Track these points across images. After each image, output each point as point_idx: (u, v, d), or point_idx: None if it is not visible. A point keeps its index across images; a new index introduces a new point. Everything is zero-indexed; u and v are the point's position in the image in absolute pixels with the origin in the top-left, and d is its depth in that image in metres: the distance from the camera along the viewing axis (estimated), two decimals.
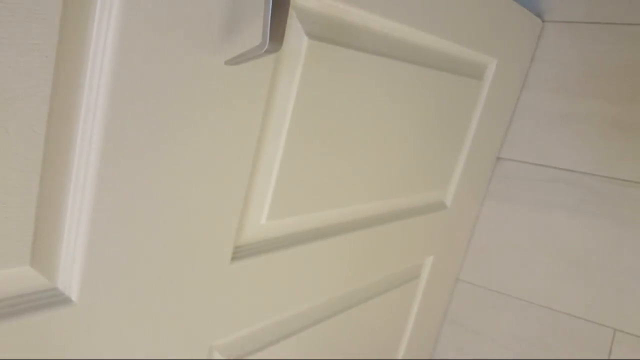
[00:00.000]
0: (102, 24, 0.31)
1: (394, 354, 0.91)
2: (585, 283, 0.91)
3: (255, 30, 0.39)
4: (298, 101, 0.47)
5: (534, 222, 0.96)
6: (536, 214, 0.96)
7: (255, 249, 0.50)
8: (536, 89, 0.97)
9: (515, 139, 0.99)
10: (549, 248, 0.94)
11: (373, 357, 0.83)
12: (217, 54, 0.38)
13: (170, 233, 0.41)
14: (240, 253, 0.49)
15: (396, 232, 0.74)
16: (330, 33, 0.48)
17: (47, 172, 0.32)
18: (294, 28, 0.45)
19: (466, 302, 1.02)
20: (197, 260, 0.44)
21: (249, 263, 0.49)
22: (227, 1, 0.37)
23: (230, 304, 0.49)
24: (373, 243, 0.69)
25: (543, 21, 0.95)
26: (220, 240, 0.45)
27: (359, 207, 0.65)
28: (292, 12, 0.44)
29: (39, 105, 0.30)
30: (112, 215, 0.36)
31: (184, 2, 0.34)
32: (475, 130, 0.84)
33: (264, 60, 0.42)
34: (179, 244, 0.42)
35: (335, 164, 0.56)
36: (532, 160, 0.97)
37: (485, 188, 1.00)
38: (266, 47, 0.33)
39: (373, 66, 0.55)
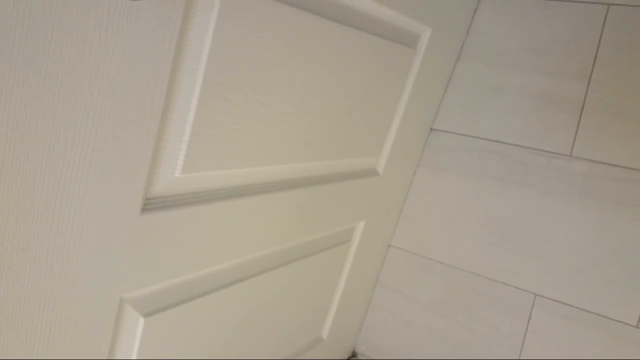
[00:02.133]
0: None
1: (324, 316, 0.93)
2: (508, 250, 0.95)
3: None
4: (214, 46, 0.47)
5: (464, 191, 0.99)
6: (466, 183, 0.99)
7: (168, 202, 0.50)
8: (470, 60, 0.99)
9: (449, 110, 1.01)
10: (476, 216, 0.98)
11: (302, 319, 0.85)
12: None
13: (76, 175, 0.40)
14: (151, 205, 0.48)
15: (326, 196, 0.75)
16: None
17: None
18: None
19: (397, 267, 1.05)
20: (105, 209, 0.43)
21: (160, 216, 0.49)
22: None
23: (141, 256, 0.49)
24: (301, 205, 0.70)
25: None
26: (129, 190, 0.45)
27: (286, 167, 0.66)
28: None
29: None
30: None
31: None
32: (408, 99, 0.86)
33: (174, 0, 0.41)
34: (85, 188, 0.41)
35: (260, 120, 0.56)
36: (464, 131, 1.00)
37: (418, 157, 1.02)
38: None
39: (303, 23, 0.55)
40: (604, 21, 0.89)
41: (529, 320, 0.94)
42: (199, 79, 0.47)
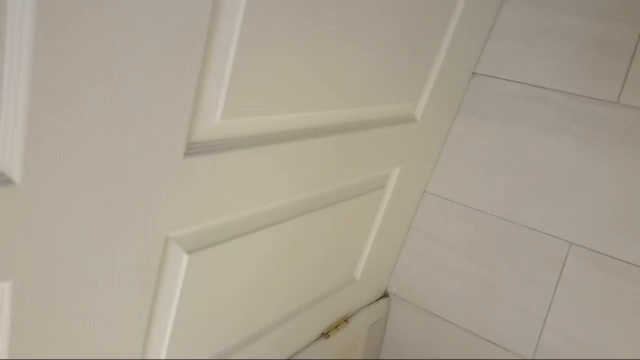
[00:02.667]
0: None
1: (358, 258, 0.96)
2: (544, 197, 0.94)
3: None
4: None
5: (504, 138, 0.98)
6: (506, 130, 0.97)
7: (210, 146, 0.51)
8: (516, 2, 0.94)
9: (493, 54, 0.98)
10: (515, 164, 0.97)
11: (337, 260, 0.88)
12: None
13: (118, 121, 0.42)
14: (193, 149, 0.50)
15: (362, 142, 0.75)
16: None
17: None
18: None
19: (432, 213, 1.06)
20: (149, 152, 0.45)
21: (202, 160, 0.50)
22: None
23: (185, 198, 0.51)
24: (338, 151, 0.71)
25: None
26: (172, 135, 0.46)
27: (324, 113, 0.66)
28: None
29: None
30: (51, 98, 0.36)
31: None
32: (450, 42, 0.83)
33: None
34: (130, 133, 0.43)
35: (297, 65, 0.56)
36: (507, 76, 0.97)
37: (458, 103, 1.00)
38: None
39: None
40: None
41: (562, 268, 0.94)
42: (239, 22, 0.47)
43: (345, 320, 1.00)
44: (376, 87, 0.72)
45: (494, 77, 0.98)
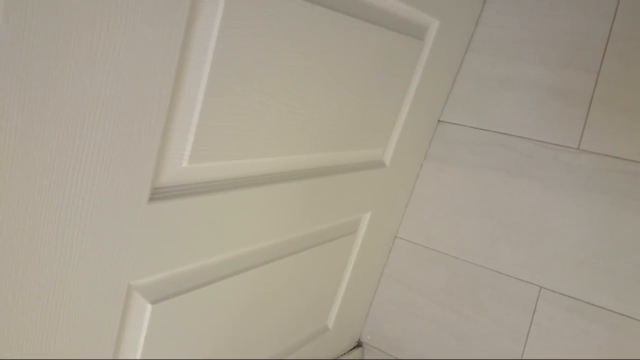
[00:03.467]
0: None
1: (330, 306, 0.94)
2: (514, 242, 0.95)
3: None
4: (221, 40, 0.47)
5: (470, 183, 0.99)
6: (473, 175, 0.99)
7: (176, 191, 0.51)
8: (479, 52, 0.99)
9: (457, 102, 1.01)
10: (482, 208, 0.98)
11: (308, 309, 0.86)
12: None
13: (83, 163, 0.41)
14: (158, 195, 0.49)
15: (333, 187, 0.76)
16: None
17: None
18: None
19: (403, 259, 1.06)
20: (113, 197, 0.44)
21: (167, 205, 0.49)
22: None
23: (149, 244, 0.50)
24: (308, 196, 0.71)
25: None
26: (137, 179, 0.46)
27: (293, 158, 0.66)
28: None
29: None
30: (7, 136, 0.36)
31: None
32: (415, 92, 0.86)
33: None
34: (93, 177, 0.42)
35: (267, 111, 0.56)
36: (471, 124, 0.99)
37: (425, 149, 1.02)
38: None
39: (309, 15, 0.55)
40: (615, 13, 0.88)
41: (533, 313, 0.94)
42: (206, 70, 0.47)
43: None
44: (346, 133, 0.73)
45: (458, 124, 1.00)
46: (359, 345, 1.10)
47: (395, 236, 1.06)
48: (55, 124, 0.37)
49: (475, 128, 0.99)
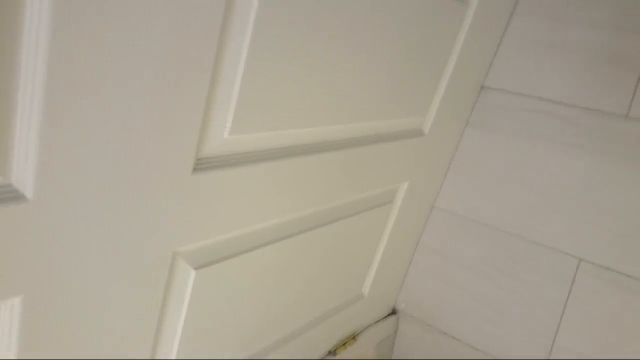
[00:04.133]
0: None
1: (366, 274, 0.95)
2: (554, 213, 0.93)
3: None
4: (261, 8, 0.46)
5: (512, 152, 0.97)
6: (515, 143, 0.96)
7: (218, 162, 0.51)
8: (526, 14, 0.94)
9: (501, 67, 0.97)
10: (523, 178, 0.96)
11: (344, 276, 0.87)
12: None
13: (129, 137, 0.41)
14: (202, 165, 0.49)
15: (370, 156, 0.75)
16: None
17: None
18: None
19: (440, 228, 1.05)
20: (158, 168, 0.45)
21: (210, 175, 0.50)
22: None
23: (193, 213, 0.51)
24: (345, 165, 0.70)
25: None
26: (181, 150, 0.46)
27: (332, 128, 0.66)
28: None
29: None
30: (64, 113, 0.36)
31: None
32: (458, 56, 0.83)
33: None
34: (139, 149, 0.43)
35: (306, 80, 0.56)
36: (516, 90, 0.96)
37: (467, 116, 0.99)
38: None
39: None
40: None
41: (572, 285, 0.93)
42: (247, 40, 0.47)
43: (353, 337, 0.98)
44: (384, 101, 0.72)
45: (502, 90, 0.97)
46: (394, 312, 1.11)
47: (433, 206, 1.05)
48: (104, 94, 0.38)
49: (519, 94, 0.96)
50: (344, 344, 0.95)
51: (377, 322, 1.06)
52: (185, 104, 0.44)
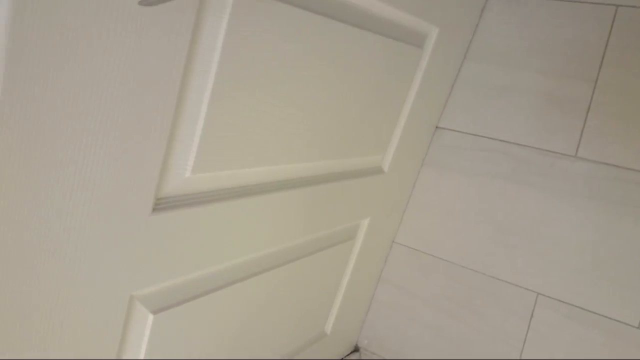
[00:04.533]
0: None
1: (328, 311, 0.94)
2: (512, 248, 0.96)
3: None
4: (226, 49, 0.47)
5: (468, 190, 1.00)
6: (470, 181, 0.99)
7: (179, 201, 0.51)
8: (477, 60, 0.99)
9: (455, 109, 1.01)
10: (480, 214, 0.99)
11: (306, 315, 0.86)
12: None
13: (89, 174, 0.41)
14: (162, 205, 0.49)
15: (332, 194, 0.76)
16: None
17: None
18: None
19: (401, 264, 1.06)
20: (115, 208, 0.44)
21: (170, 215, 0.49)
22: None
23: (151, 255, 0.50)
24: (308, 203, 0.71)
25: None
26: (140, 190, 0.45)
27: (293, 166, 0.66)
28: None
29: None
30: (26, 145, 0.35)
31: None
32: (414, 98, 0.86)
33: (186, 5, 0.41)
34: (98, 187, 0.42)
35: (268, 120, 0.56)
36: (469, 130, 1.00)
37: (423, 155, 1.02)
38: None
39: (310, 24, 0.55)
40: (612, 23, 0.89)
41: (530, 319, 0.94)
42: (210, 81, 0.47)
43: None
44: (346, 140, 0.73)
45: (456, 131, 1.01)
46: (356, 350, 1.10)
47: (393, 241, 1.07)
48: (60, 135, 0.37)
49: (473, 135, 1.00)
50: None
51: (340, 359, 1.04)
52: (146, 144, 0.44)
